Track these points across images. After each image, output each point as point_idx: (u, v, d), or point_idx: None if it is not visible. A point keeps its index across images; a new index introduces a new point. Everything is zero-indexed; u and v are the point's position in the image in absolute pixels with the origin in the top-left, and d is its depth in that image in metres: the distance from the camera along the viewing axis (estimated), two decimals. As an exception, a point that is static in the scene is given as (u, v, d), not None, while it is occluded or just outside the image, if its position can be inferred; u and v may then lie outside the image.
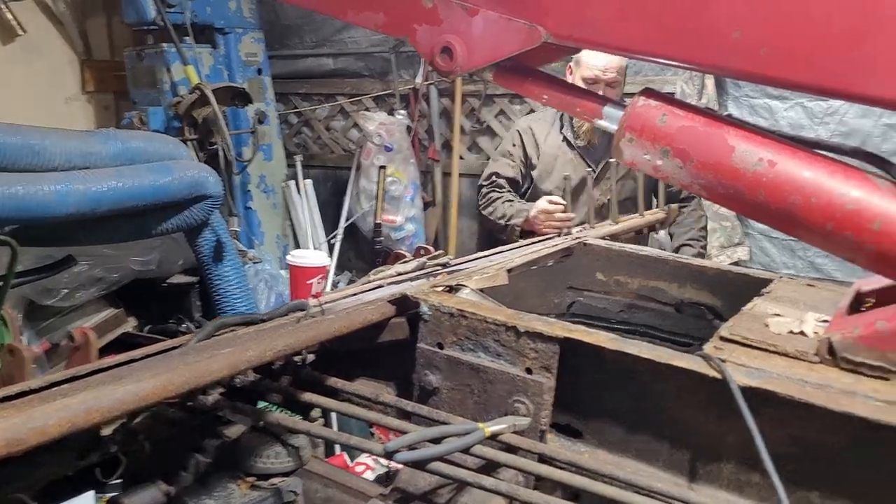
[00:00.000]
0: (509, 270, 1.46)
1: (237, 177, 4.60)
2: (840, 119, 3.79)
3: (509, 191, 3.04)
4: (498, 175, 3.08)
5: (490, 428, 1.00)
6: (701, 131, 1.16)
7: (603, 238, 1.82)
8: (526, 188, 3.10)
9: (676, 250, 3.03)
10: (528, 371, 1.07)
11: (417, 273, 1.64)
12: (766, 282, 1.43)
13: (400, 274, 1.66)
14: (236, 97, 4.15)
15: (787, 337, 1.07)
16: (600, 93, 2.64)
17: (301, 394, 1.15)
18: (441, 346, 1.14)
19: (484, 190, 3.11)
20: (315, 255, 3.53)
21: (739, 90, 4.01)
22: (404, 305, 1.21)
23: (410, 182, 4.99)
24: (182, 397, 1.06)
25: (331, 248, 5.19)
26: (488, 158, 5.07)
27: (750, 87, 3.93)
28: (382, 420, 1.08)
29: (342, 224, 5.17)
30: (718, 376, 0.95)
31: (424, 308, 1.15)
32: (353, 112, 5.42)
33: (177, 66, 4.36)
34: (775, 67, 1.09)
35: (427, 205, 5.23)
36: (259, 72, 4.98)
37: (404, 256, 1.88)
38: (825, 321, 1.12)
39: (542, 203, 2.64)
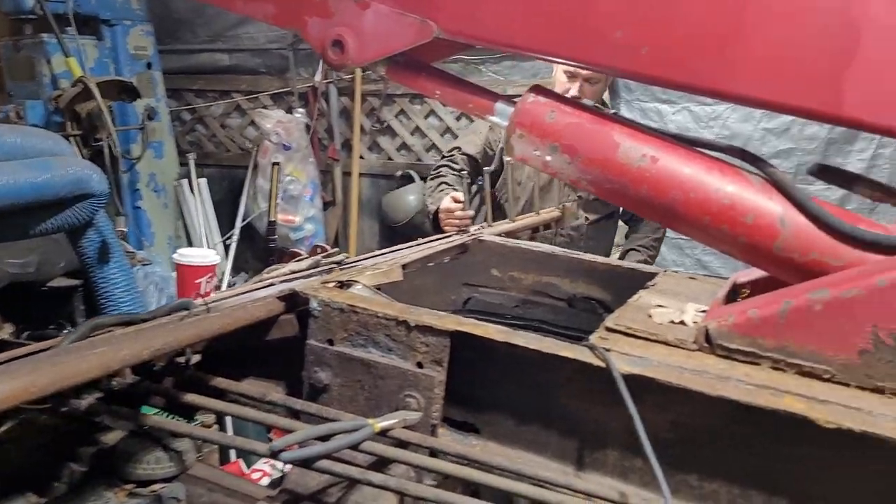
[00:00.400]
0: (404, 267, 1.45)
1: (125, 175, 4.41)
2: (723, 123, 4.02)
3: (462, 169, 2.89)
4: (459, 150, 2.96)
5: (380, 424, 0.99)
6: (588, 128, 1.19)
7: (499, 235, 1.84)
8: (496, 170, 2.84)
9: (624, 254, 3.03)
10: (419, 365, 1.06)
11: (311, 271, 1.61)
12: (653, 276, 1.48)
13: (293, 272, 1.62)
14: (124, 92, 3.98)
15: (668, 326, 1.11)
16: (577, 86, 2.61)
17: (185, 396, 1.11)
18: (331, 343, 1.12)
19: (440, 162, 3.01)
20: (203, 252, 3.40)
21: (631, 94, 4.17)
22: (293, 302, 1.19)
23: (309, 181, 4.93)
24: (51, 401, 1.00)
25: (227, 249, 5.05)
26: (389, 158, 5.08)
27: (641, 91, 4.10)
28: (269, 420, 1.04)
29: (238, 224, 5.04)
30: (603, 365, 0.97)
31: (314, 304, 1.13)
32: (250, 109, 5.30)
33: (58, 57, 4.14)
34: (656, 67, 1.13)
35: (327, 205, 5.18)
36: (149, 66, 4.79)
37: (300, 255, 1.85)
38: (704, 311, 1.17)
39: (446, 201, 2.63)
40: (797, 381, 0.95)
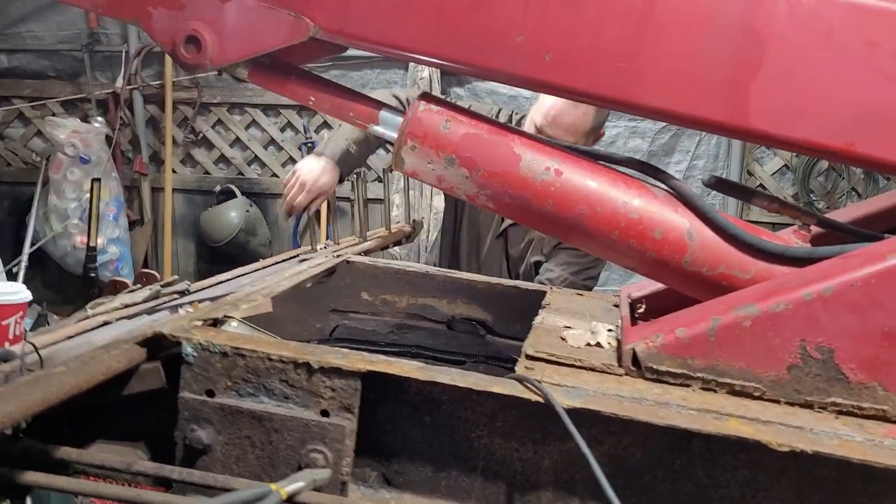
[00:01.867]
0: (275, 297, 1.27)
1: None
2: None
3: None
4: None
5: (286, 488, 0.83)
6: (486, 139, 1.11)
7: (362, 255, 1.70)
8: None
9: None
10: (325, 413, 0.91)
11: (153, 304, 1.38)
12: (536, 293, 1.43)
13: (127, 306, 1.38)
14: None
15: (587, 350, 1.04)
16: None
17: (17, 475, 0.87)
18: (211, 394, 0.94)
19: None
20: (12, 287, 2.86)
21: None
22: (158, 346, 0.98)
23: (112, 198, 4.46)
24: None
25: (12, 277, 4.42)
26: (206, 173, 4.71)
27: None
28: (143, 497, 0.84)
29: (27, 249, 4.43)
30: (535, 399, 0.88)
31: (188, 349, 0.94)
32: (36, 118, 4.71)
33: None
34: (559, 74, 1.07)
35: (133, 224, 4.71)
36: None
37: (125, 284, 1.59)
38: (611, 330, 1.12)
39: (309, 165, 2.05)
40: (731, 402, 0.92)
